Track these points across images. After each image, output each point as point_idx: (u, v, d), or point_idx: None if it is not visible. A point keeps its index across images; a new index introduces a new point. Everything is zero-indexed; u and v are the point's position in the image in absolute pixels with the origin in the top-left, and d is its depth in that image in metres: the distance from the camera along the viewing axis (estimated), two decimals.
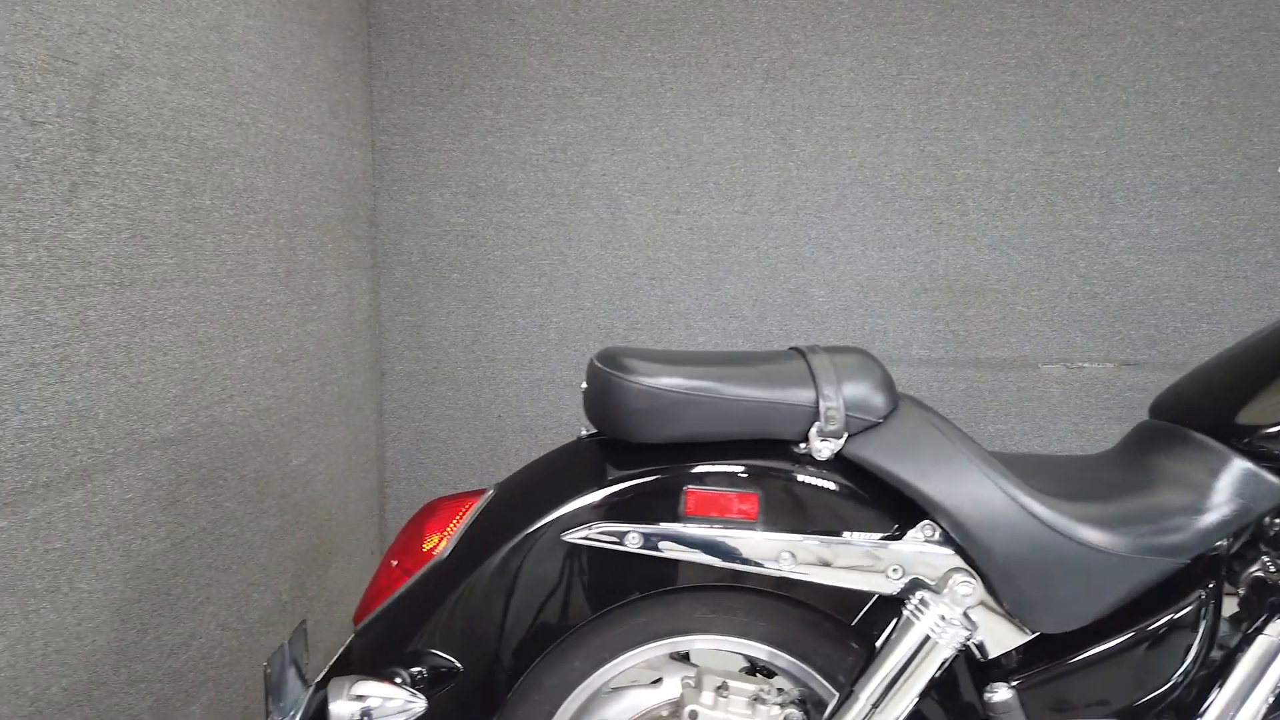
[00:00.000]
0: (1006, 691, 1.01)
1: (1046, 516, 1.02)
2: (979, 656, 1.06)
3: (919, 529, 1.05)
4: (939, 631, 1.00)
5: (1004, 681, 1.02)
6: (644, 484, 1.06)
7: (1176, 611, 1.05)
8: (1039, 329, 2.73)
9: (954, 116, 2.67)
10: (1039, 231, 2.70)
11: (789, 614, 1.12)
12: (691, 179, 2.71)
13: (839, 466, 1.08)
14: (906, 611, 1.03)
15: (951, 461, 1.04)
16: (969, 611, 1.03)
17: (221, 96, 1.72)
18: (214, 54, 1.68)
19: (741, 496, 1.05)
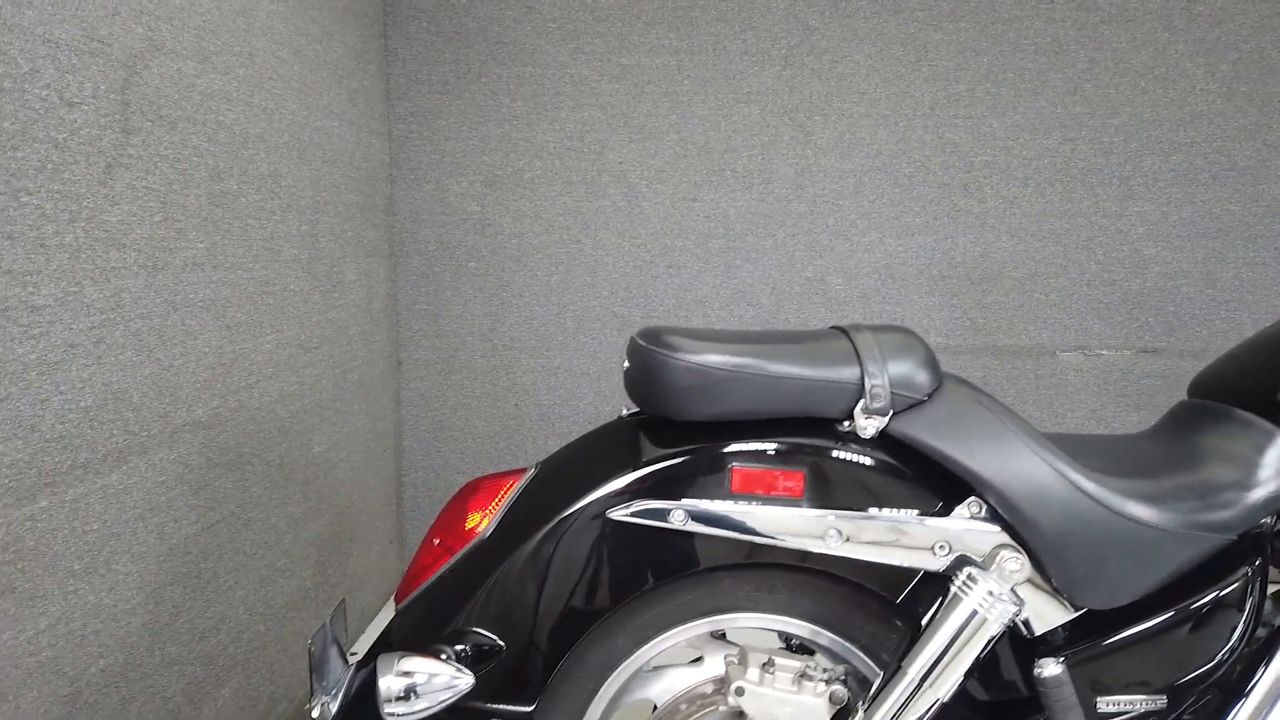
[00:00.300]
0: (1056, 666, 1.01)
1: (1095, 492, 1.02)
2: (1025, 634, 1.06)
3: (965, 505, 1.04)
4: (987, 606, 1.00)
5: (1052, 657, 1.02)
6: (689, 461, 1.06)
7: (1223, 589, 1.05)
8: (1057, 316, 2.73)
9: (972, 103, 2.66)
10: (1057, 218, 2.70)
11: (833, 592, 1.12)
12: (709, 167, 2.70)
13: (884, 444, 1.08)
14: (954, 588, 1.02)
15: (999, 438, 1.04)
16: (1016, 588, 1.03)
17: (247, 81, 1.71)
18: (240, 39, 1.68)
19: (787, 474, 1.05)
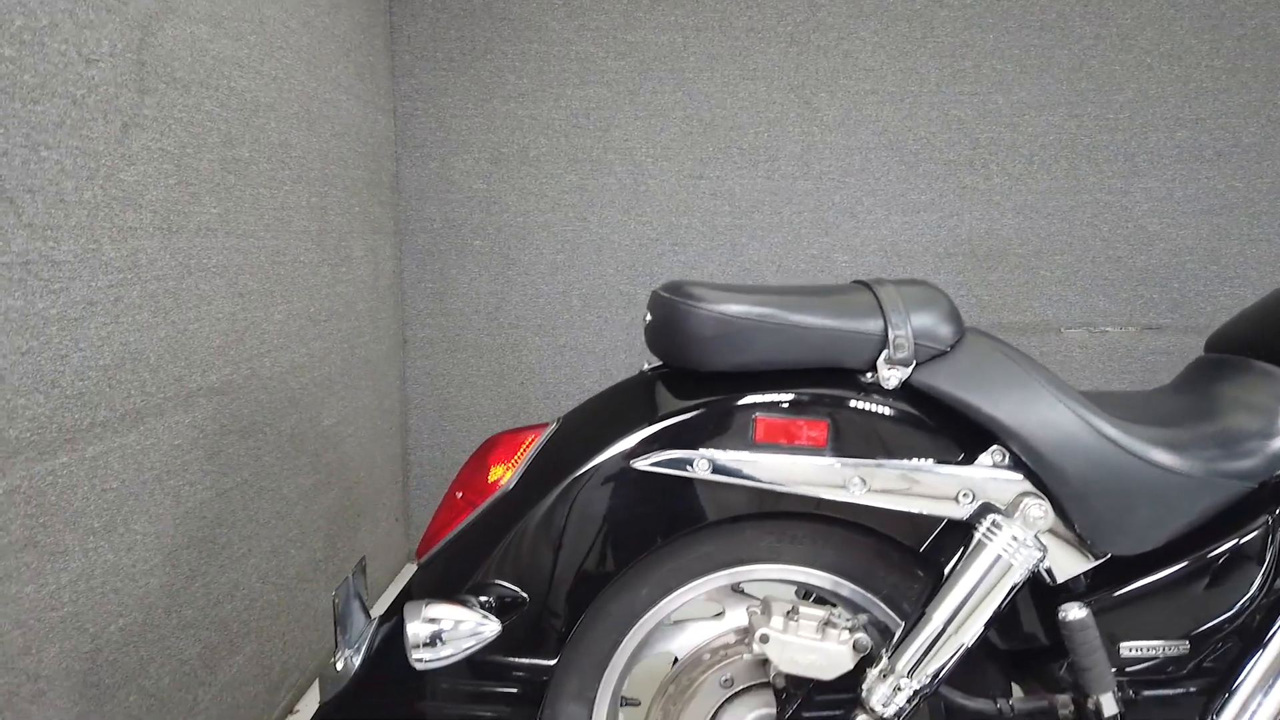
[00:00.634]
0: (1081, 610, 1.01)
1: (1119, 439, 1.02)
2: (1048, 581, 1.06)
3: (988, 454, 1.05)
4: (1012, 552, 1.01)
5: (1076, 601, 1.03)
6: (711, 412, 1.06)
7: (1243, 537, 1.06)
8: (1062, 293, 2.74)
9: (978, 80, 2.66)
10: (1062, 195, 2.70)
11: (855, 543, 1.12)
12: (715, 144, 2.70)
13: (906, 395, 1.08)
14: (978, 534, 1.03)
15: (1023, 386, 1.04)
16: (1039, 535, 1.04)
17: (258, 49, 1.71)
18: (251, 6, 1.67)
19: (810, 424, 1.05)
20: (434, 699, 1.08)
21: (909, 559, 1.12)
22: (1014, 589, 1.03)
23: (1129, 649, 1.05)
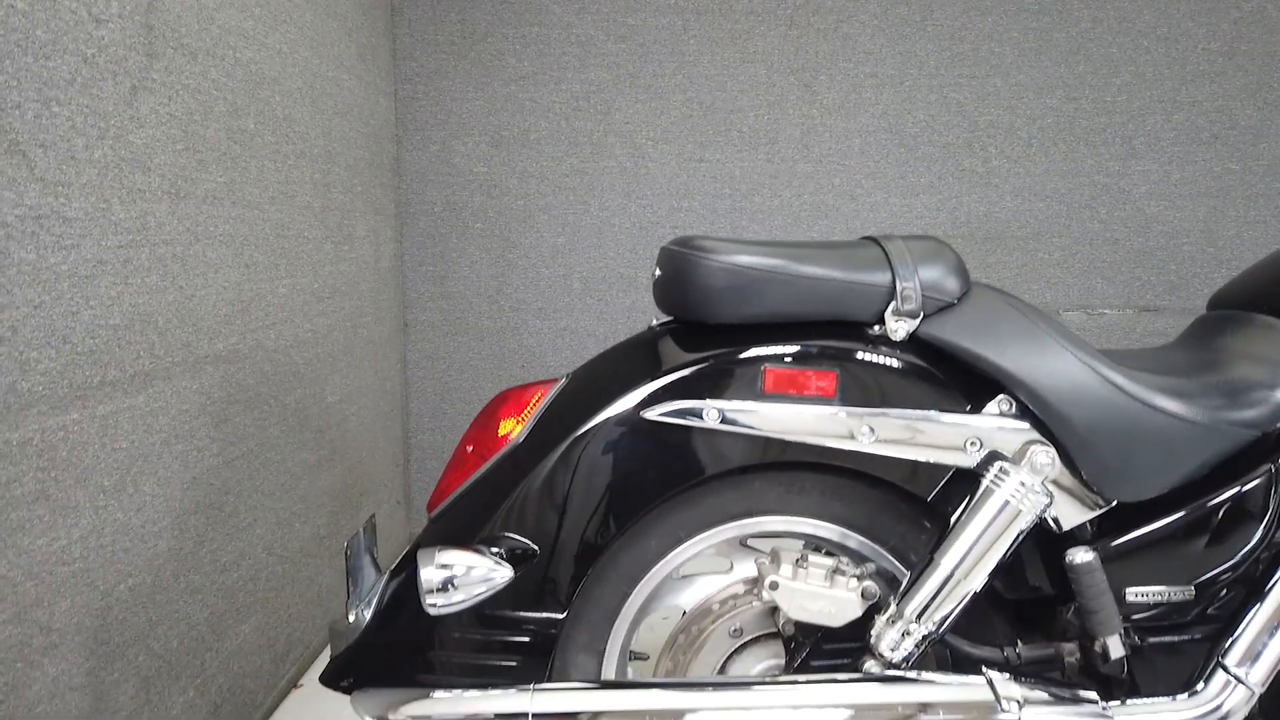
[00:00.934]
0: (1088, 553, 1.02)
1: (1126, 385, 1.03)
2: (1055, 530, 1.07)
3: (995, 403, 1.06)
4: (1020, 498, 1.02)
5: (1083, 546, 1.04)
6: (722, 362, 1.07)
7: (1245, 484, 1.07)
8: (1060, 275, 2.75)
9: (976, 63, 2.68)
10: (1060, 178, 2.72)
11: (863, 494, 1.13)
12: (715, 127, 2.71)
13: (914, 348, 1.09)
14: (986, 481, 1.04)
15: (1030, 336, 1.05)
16: (1046, 482, 1.05)
17: (263, 21, 1.71)
18: None
19: (819, 374, 1.06)
20: (444, 649, 1.08)
21: (916, 510, 1.13)
22: (1021, 535, 1.04)
23: (1134, 594, 1.06)
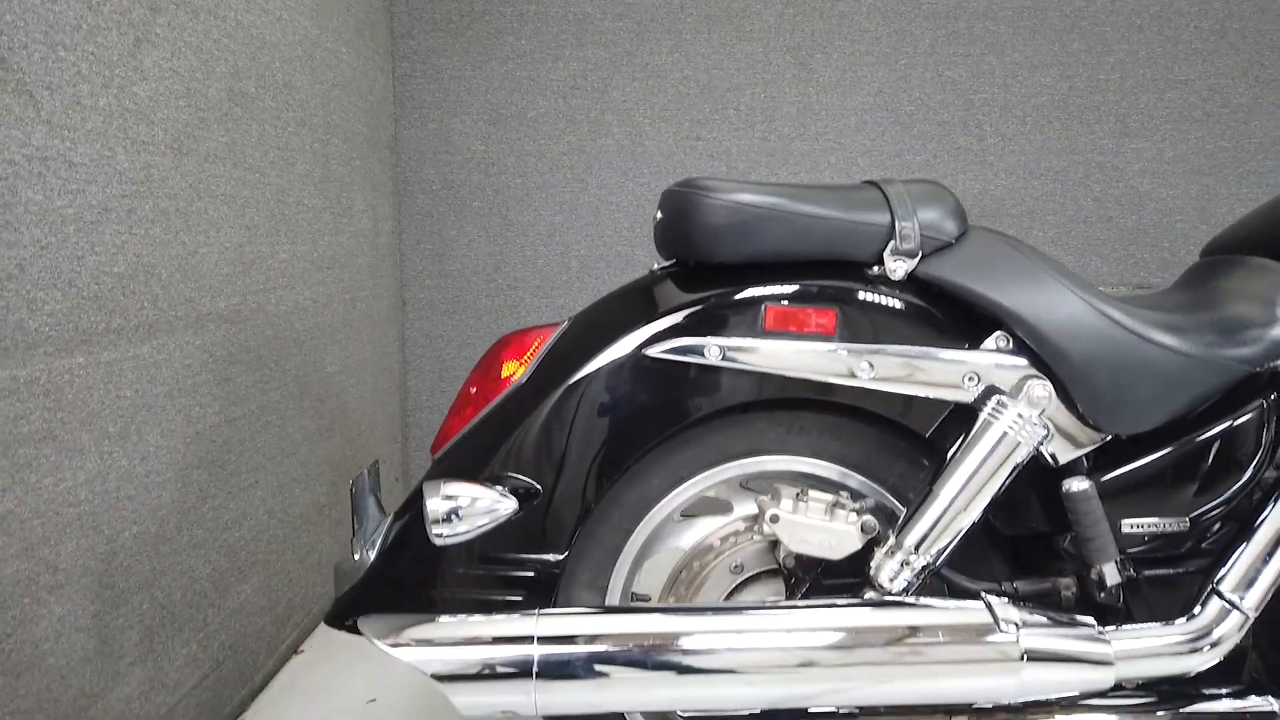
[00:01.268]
0: (1084, 481, 1.04)
1: (1122, 319, 1.05)
2: (1051, 463, 1.08)
3: (993, 339, 1.07)
4: (1018, 429, 1.03)
5: (1078, 476, 1.05)
6: (723, 300, 1.08)
7: (1238, 418, 1.08)
8: (1054, 253, 2.77)
9: (971, 41, 2.70)
10: (1054, 156, 2.74)
11: (862, 433, 1.14)
12: (712, 105, 2.73)
13: (912, 287, 1.10)
14: (984, 413, 1.05)
15: (1027, 273, 1.07)
16: (1042, 416, 1.06)
17: None
18: None
19: (819, 312, 1.07)
20: (449, 586, 1.09)
21: (914, 449, 1.14)
22: (1018, 467, 1.05)
23: (1130, 526, 1.08)
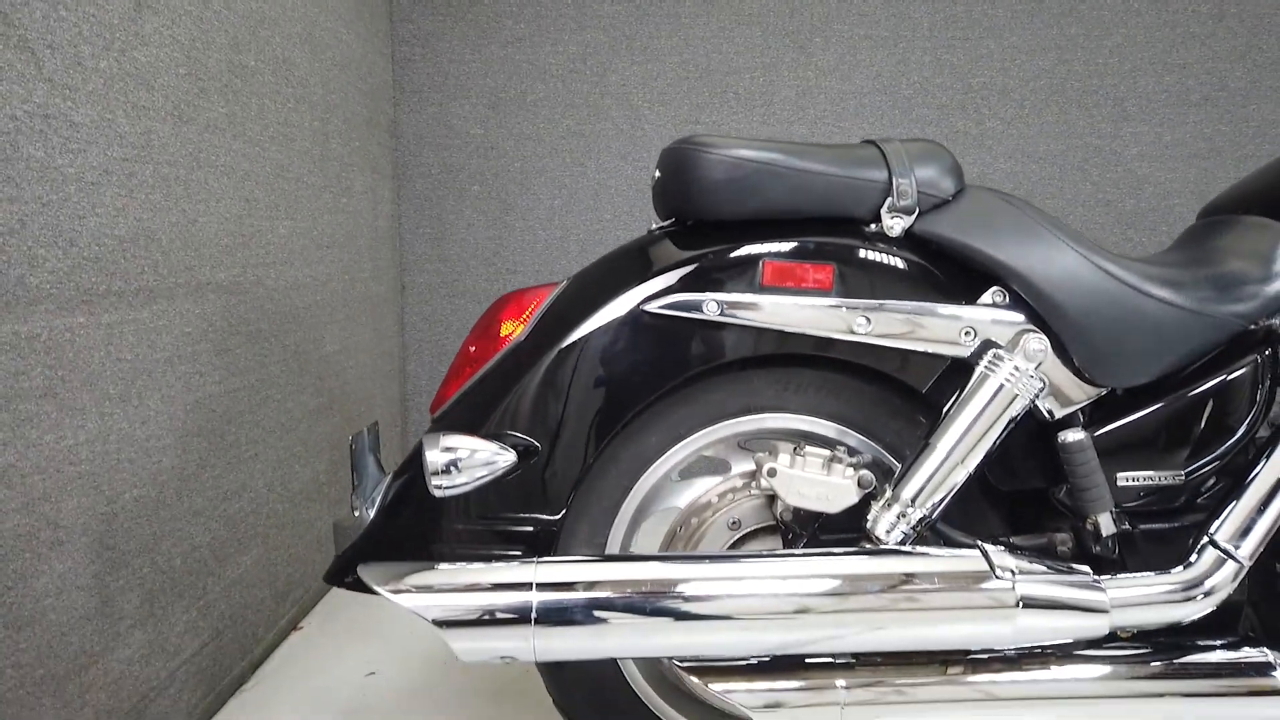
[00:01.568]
0: (1079, 432, 1.04)
1: (1119, 273, 1.05)
2: (1047, 418, 1.09)
3: (989, 294, 1.08)
4: (1014, 382, 1.04)
5: (1074, 428, 1.06)
6: (721, 257, 1.08)
7: (1232, 373, 1.09)
8: None
9: (970, 24, 2.70)
10: (1053, 139, 2.74)
11: (860, 390, 1.15)
12: (710, 88, 2.73)
13: (909, 244, 1.11)
14: (981, 367, 1.06)
15: (1023, 228, 1.07)
16: (1039, 370, 1.07)
17: None
18: None
19: (816, 267, 1.08)
20: (448, 542, 1.10)
21: (911, 406, 1.15)
22: (1015, 420, 1.06)
23: (1125, 479, 1.08)
